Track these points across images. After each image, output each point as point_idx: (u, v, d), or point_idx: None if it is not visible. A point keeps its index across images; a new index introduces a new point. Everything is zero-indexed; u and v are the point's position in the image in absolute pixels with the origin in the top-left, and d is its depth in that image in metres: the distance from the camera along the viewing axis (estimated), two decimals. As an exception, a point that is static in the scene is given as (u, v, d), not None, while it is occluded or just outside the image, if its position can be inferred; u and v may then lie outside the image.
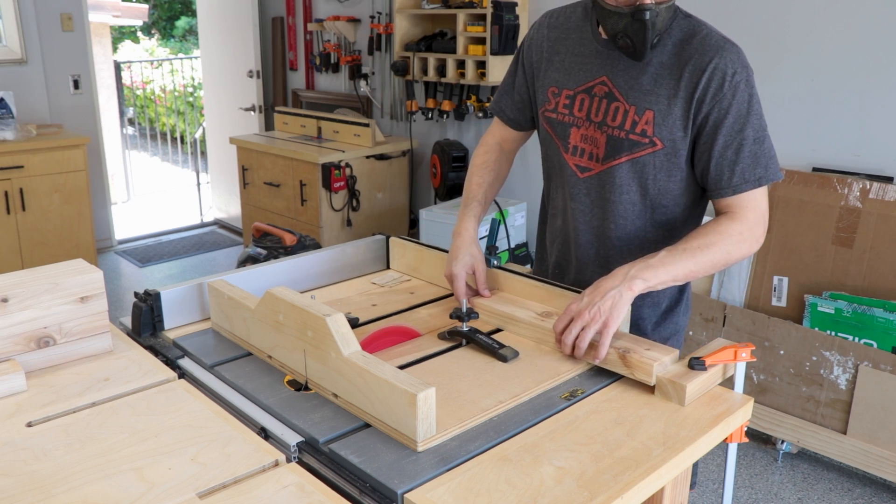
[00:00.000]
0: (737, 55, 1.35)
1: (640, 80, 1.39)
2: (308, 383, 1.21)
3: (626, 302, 1.27)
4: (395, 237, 1.82)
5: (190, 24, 13.04)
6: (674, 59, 1.37)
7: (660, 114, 1.37)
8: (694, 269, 1.32)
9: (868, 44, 2.66)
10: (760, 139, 1.35)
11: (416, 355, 1.33)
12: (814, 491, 2.63)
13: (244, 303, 1.33)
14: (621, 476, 1.00)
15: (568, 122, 1.48)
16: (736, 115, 1.34)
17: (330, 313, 1.14)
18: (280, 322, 1.23)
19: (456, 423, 1.09)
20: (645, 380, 1.21)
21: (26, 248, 4.18)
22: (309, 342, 1.18)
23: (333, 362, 1.14)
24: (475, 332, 1.36)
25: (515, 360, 1.30)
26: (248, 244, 3.12)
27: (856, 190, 2.65)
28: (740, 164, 1.34)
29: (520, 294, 1.52)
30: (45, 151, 4.14)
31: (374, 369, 1.07)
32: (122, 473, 0.99)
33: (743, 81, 1.33)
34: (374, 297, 1.64)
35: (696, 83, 1.34)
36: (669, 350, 1.25)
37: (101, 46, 6.87)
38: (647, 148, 1.40)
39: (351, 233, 4.17)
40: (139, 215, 6.36)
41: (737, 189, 1.35)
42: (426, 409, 1.02)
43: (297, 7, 5.08)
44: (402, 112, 4.50)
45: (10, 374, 1.20)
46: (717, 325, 2.90)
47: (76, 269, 1.33)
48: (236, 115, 5.53)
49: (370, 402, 1.09)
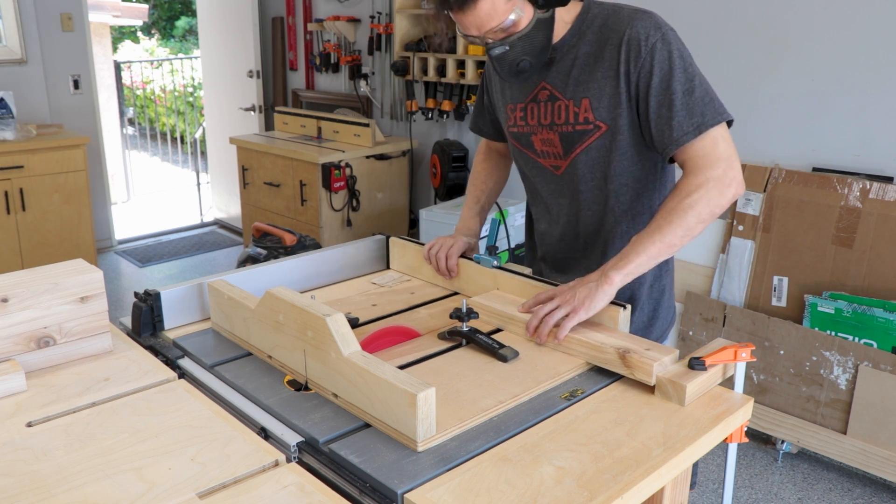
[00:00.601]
0: (648, 20, 1.38)
1: (572, 74, 1.45)
2: (308, 383, 1.21)
3: (601, 294, 1.31)
4: (395, 237, 1.82)
5: (190, 24, 13.04)
6: (595, 46, 1.43)
7: (594, 98, 1.43)
8: (669, 240, 1.33)
9: (868, 44, 2.66)
10: (689, 90, 1.36)
11: (416, 355, 1.33)
12: (814, 491, 2.63)
13: (244, 303, 1.33)
14: (621, 476, 1.00)
15: (528, 132, 1.55)
16: (660, 74, 1.36)
17: (330, 313, 1.14)
18: (280, 322, 1.23)
19: (456, 423, 1.09)
20: (645, 380, 1.21)
21: (26, 248, 4.18)
22: (309, 342, 1.18)
23: (333, 362, 1.14)
24: (475, 332, 1.37)
25: (515, 360, 1.30)
26: (248, 244, 3.12)
27: (856, 190, 2.65)
28: (676, 118, 1.36)
29: (520, 294, 1.53)
30: (45, 151, 4.14)
31: (374, 369, 1.07)
32: (122, 473, 0.99)
33: (658, 41, 1.36)
34: (374, 297, 1.64)
35: (617, 59, 1.39)
36: (669, 350, 1.25)
37: (101, 46, 6.87)
38: (594, 133, 1.45)
39: (351, 233, 4.17)
40: (139, 215, 6.36)
41: (679, 142, 1.36)
42: (426, 409, 1.02)
43: (297, 7, 5.08)
44: (402, 112, 4.50)
45: (10, 374, 1.20)
46: (717, 325, 2.90)
47: (76, 269, 1.33)
48: (236, 115, 5.53)
49: (370, 402, 1.09)
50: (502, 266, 1.60)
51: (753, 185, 2.90)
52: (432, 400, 1.03)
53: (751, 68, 2.94)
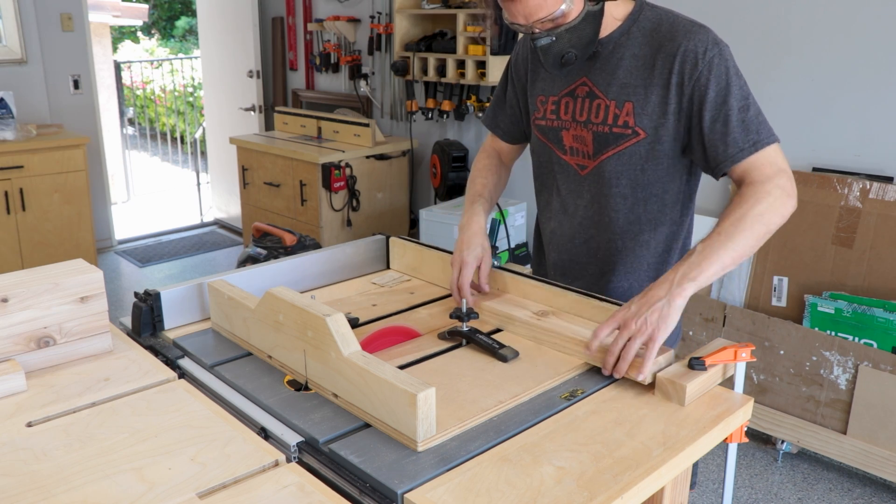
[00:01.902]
0: (705, 35, 1.38)
1: (617, 74, 1.43)
2: (308, 383, 1.21)
3: (675, 311, 1.24)
4: (395, 237, 1.82)
5: (190, 24, 13.04)
6: (646, 50, 1.40)
7: (638, 104, 1.41)
8: (740, 250, 1.29)
9: (868, 43, 2.66)
10: (745, 107, 1.35)
11: (417, 355, 1.33)
12: (814, 491, 2.63)
13: (244, 303, 1.33)
14: (621, 476, 1.00)
15: (557, 127, 1.52)
16: (716, 89, 1.35)
17: (330, 313, 1.14)
18: (280, 322, 1.23)
19: (456, 423, 1.09)
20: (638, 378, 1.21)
21: (26, 248, 4.18)
22: (309, 342, 1.18)
23: (333, 362, 1.13)
24: (475, 332, 1.36)
25: (515, 360, 1.30)
26: (248, 244, 3.12)
27: (856, 190, 2.65)
28: (731, 135, 1.35)
29: (520, 294, 1.53)
30: (45, 151, 4.14)
31: (374, 369, 1.07)
32: (122, 473, 0.99)
33: (716, 56, 1.35)
34: (374, 297, 1.64)
35: (671, 69, 1.38)
36: (663, 349, 1.25)
37: (101, 46, 6.87)
38: (631, 139, 1.43)
39: (351, 233, 4.17)
40: (139, 215, 6.36)
41: (734, 159, 1.35)
42: (426, 409, 1.02)
43: (297, 7, 5.08)
44: (402, 112, 4.50)
45: (10, 374, 1.20)
46: (717, 325, 2.90)
47: (76, 269, 1.33)
48: (236, 115, 5.53)
49: (370, 402, 1.09)
50: (503, 266, 1.59)
51: (753, 185, 2.89)
52: (432, 400, 1.02)
53: (751, 68, 2.94)
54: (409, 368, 1.27)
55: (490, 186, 1.70)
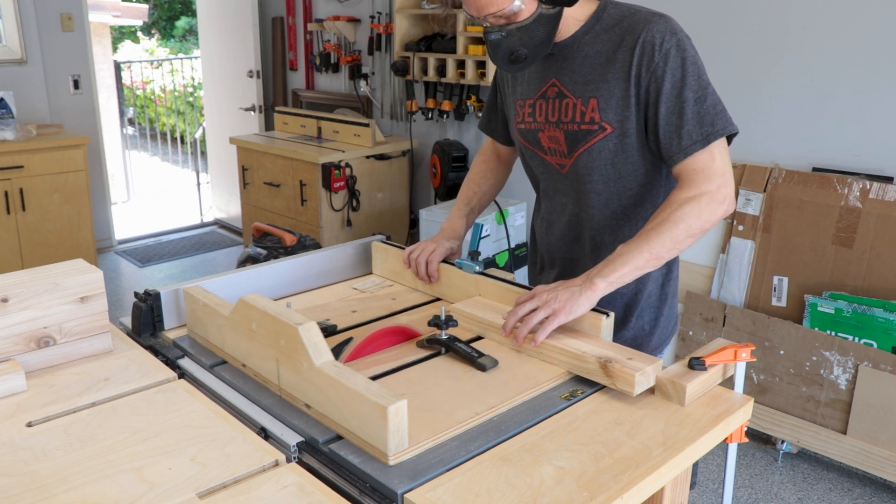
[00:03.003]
0: (664, 24, 1.37)
1: (582, 72, 1.44)
2: (281, 393, 1.19)
3: (584, 300, 1.29)
4: (377, 241, 1.79)
5: (190, 24, 13.04)
6: (608, 46, 1.41)
7: (603, 99, 1.41)
8: (657, 251, 1.31)
9: (868, 44, 2.66)
10: (701, 98, 1.35)
11: (394, 364, 1.30)
12: (814, 491, 2.63)
13: (218, 310, 1.30)
14: (621, 476, 1.00)
15: (535, 129, 1.54)
16: (671, 80, 1.35)
17: (302, 322, 1.11)
18: (253, 330, 1.21)
19: (430, 436, 1.06)
20: (627, 390, 1.18)
21: (26, 248, 4.18)
22: (281, 351, 1.15)
23: (306, 372, 1.11)
24: (454, 340, 1.33)
25: (494, 370, 1.27)
26: (248, 244, 3.12)
27: (856, 190, 2.65)
28: (686, 127, 1.35)
29: (501, 300, 1.49)
30: (45, 151, 4.14)
31: (345, 380, 1.04)
32: (122, 473, 0.99)
33: (673, 47, 1.35)
34: (354, 303, 1.61)
35: (630, 61, 1.38)
36: (651, 359, 1.22)
37: (101, 46, 6.87)
38: (599, 134, 1.44)
39: (351, 233, 4.17)
40: (139, 215, 6.36)
41: (687, 151, 1.35)
42: (397, 422, 0.99)
43: (297, 7, 5.08)
44: (402, 112, 4.50)
45: (10, 374, 1.20)
46: (717, 325, 2.90)
47: (76, 269, 1.33)
48: (236, 115, 5.53)
49: (342, 413, 1.06)
50: (484, 271, 1.56)
51: (753, 185, 2.90)
52: (404, 412, 1.00)
53: (751, 68, 2.94)
54: (385, 378, 1.25)
55: (481, 193, 1.76)
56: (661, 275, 1.56)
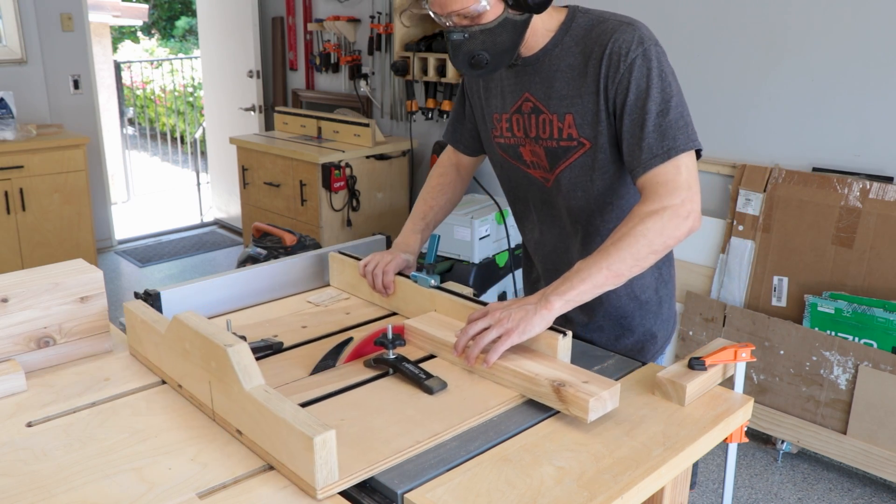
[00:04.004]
0: (631, 34, 1.32)
1: (556, 87, 1.40)
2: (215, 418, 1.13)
3: (539, 319, 1.22)
4: (333, 252, 1.73)
5: (190, 24, 13.04)
6: (579, 59, 1.37)
7: (578, 114, 1.38)
8: (616, 268, 1.24)
9: (868, 44, 2.66)
10: (664, 111, 1.30)
11: (338, 385, 1.24)
12: (814, 491, 2.63)
13: (155, 327, 1.24)
14: (621, 476, 1.00)
15: (515, 144, 1.50)
16: (636, 91, 1.31)
17: (232, 343, 1.05)
18: (187, 350, 1.15)
19: (364, 466, 0.99)
20: (580, 416, 1.10)
21: (26, 248, 4.18)
22: (213, 373, 1.09)
23: (236, 396, 1.05)
24: (402, 360, 1.27)
25: (442, 392, 1.20)
26: (248, 244, 3.12)
27: (856, 190, 2.65)
28: (647, 140, 1.30)
29: (456, 316, 1.41)
30: (45, 151, 4.14)
31: (273, 406, 0.98)
32: (122, 473, 0.99)
33: (639, 57, 1.31)
34: (306, 318, 1.55)
35: (598, 73, 1.34)
36: (609, 383, 1.14)
37: (101, 46, 6.86)
38: (578, 150, 1.41)
39: (351, 233, 4.17)
40: (139, 215, 6.36)
41: (647, 166, 1.29)
42: (325, 454, 0.93)
43: (297, 7, 5.08)
44: (402, 112, 4.50)
45: (10, 374, 1.20)
46: (717, 325, 2.90)
47: (76, 269, 1.33)
48: (236, 115, 5.53)
49: (271, 442, 1.00)
50: (440, 286, 1.50)
51: (753, 185, 2.90)
52: (332, 443, 0.93)
53: (750, 68, 2.94)
54: (326, 401, 1.19)
55: (437, 208, 1.69)
56: (654, 279, 1.53)
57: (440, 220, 1.71)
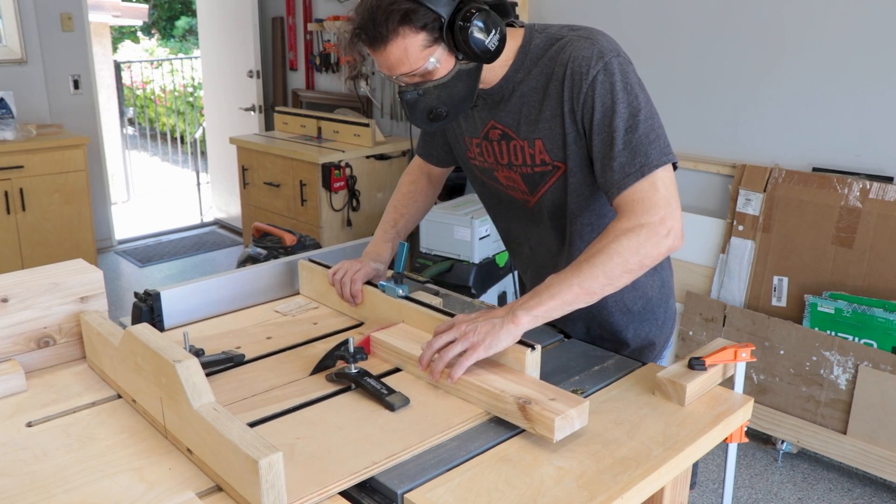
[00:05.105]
0: (589, 48, 1.26)
1: (523, 112, 1.35)
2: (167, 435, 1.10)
3: (505, 334, 1.18)
4: (303, 260, 1.68)
5: (190, 24, 13.04)
6: (541, 81, 1.32)
7: (548, 139, 1.34)
8: (588, 286, 1.20)
9: (868, 43, 2.66)
10: (633, 127, 1.24)
11: (297, 400, 1.20)
12: (814, 491, 2.63)
13: (110, 340, 1.21)
14: (621, 476, 1.00)
15: (489, 167, 1.47)
16: (602, 110, 1.25)
17: (181, 359, 1.02)
18: (139, 364, 1.12)
19: (316, 489, 0.95)
20: (546, 435, 1.06)
21: (26, 248, 4.17)
22: (163, 389, 1.06)
23: (185, 414, 1.01)
24: (364, 374, 1.23)
25: (404, 409, 1.16)
26: (248, 244, 3.12)
27: (856, 190, 2.65)
28: (618, 160, 1.24)
29: (424, 328, 1.36)
30: (45, 151, 4.14)
31: (220, 426, 0.94)
32: (122, 473, 0.99)
33: (600, 73, 1.24)
34: (271, 328, 1.51)
35: (562, 95, 1.29)
36: (577, 400, 1.10)
37: (101, 46, 6.86)
38: (554, 174, 1.37)
39: (351, 233, 4.17)
40: (139, 215, 6.36)
41: (621, 186, 1.24)
42: (271, 477, 0.88)
43: (297, 7, 5.08)
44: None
45: (10, 374, 1.20)
46: (717, 325, 2.90)
47: (76, 269, 1.33)
48: (236, 115, 5.53)
49: (220, 462, 0.96)
50: (408, 296, 1.46)
51: (753, 185, 2.90)
52: (279, 467, 0.89)
53: (750, 68, 2.94)
54: (283, 417, 1.15)
55: (407, 216, 1.66)
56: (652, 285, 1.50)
57: (410, 228, 1.68)
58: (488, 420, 1.15)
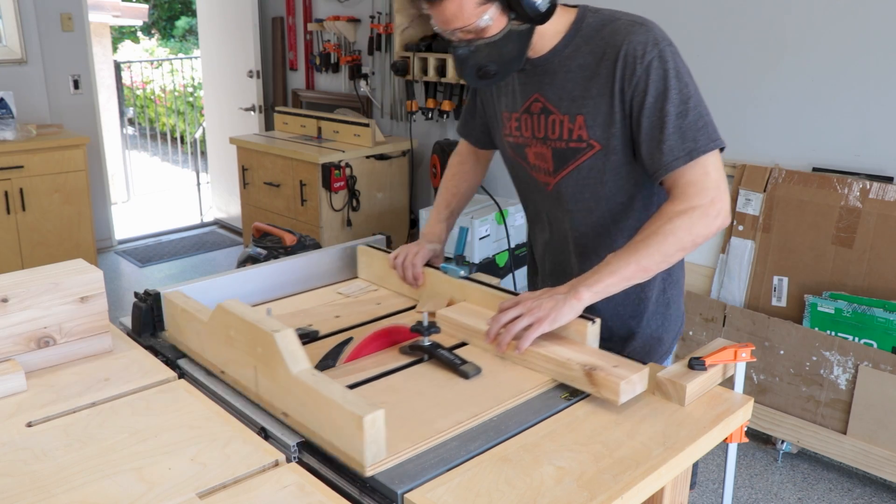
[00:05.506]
0: (645, 34, 1.32)
1: (567, 88, 1.40)
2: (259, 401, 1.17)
3: (568, 308, 1.26)
4: (362, 245, 1.77)
5: (190, 24, 13.04)
6: (590, 59, 1.37)
7: (590, 116, 1.38)
8: (645, 264, 1.28)
9: (868, 43, 2.66)
10: (683, 113, 1.31)
11: (375, 371, 1.28)
12: (814, 491, 2.63)
13: (198, 316, 1.28)
14: (621, 476, 1.00)
15: (522, 143, 1.51)
16: (654, 94, 1.31)
17: (279, 329, 1.09)
18: (231, 337, 1.19)
19: (409, 446, 1.04)
20: (612, 398, 1.15)
21: (26, 248, 4.18)
22: (259, 359, 1.13)
23: (283, 380, 1.09)
24: (437, 346, 1.31)
25: (477, 377, 1.25)
26: (248, 244, 3.12)
27: (856, 190, 2.65)
28: (667, 142, 1.31)
29: (486, 306, 1.46)
30: (45, 151, 4.14)
31: (322, 389, 1.02)
32: (122, 473, 0.99)
33: (655, 59, 1.31)
34: (338, 308, 1.59)
35: (613, 75, 1.34)
36: (637, 367, 1.19)
37: (101, 46, 6.86)
38: (587, 152, 1.41)
39: (351, 233, 4.17)
40: (139, 215, 6.36)
41: (669, 167, 1.31)
42: (374, 433, 0.97)
43: (297, 7, 5.08)
44: (402, 112, 4.50)
45: (10, 374, 1.20)
46: (717, 325, 2.90)
47: (76, 269, 1.33)
48: (236, 115, 5.53)
49: (319, 422, 1.04)
50: (469, 276, 1.54)
51: (753, 185, 2.90)
52: (381, 422, 0.98)
53: (750, 68, 2.94)
54: (365, 385, 1.23)
55: (459, 196, 1.74)
56: (661, 280, 1.53)
57: (463, 206, 1.76)
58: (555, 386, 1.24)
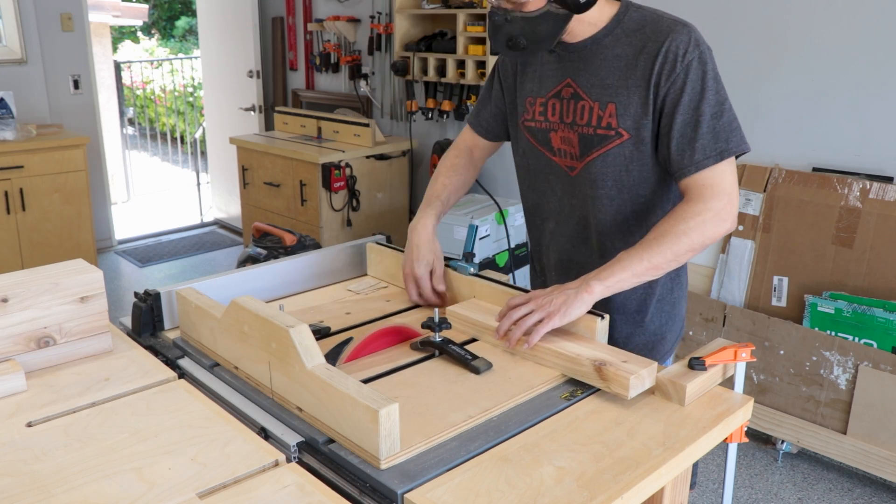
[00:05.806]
0: (687, 35, 1.37)
1: (600, 75, 1.43)
2: (273, 396, 1.19)
3: (579, 303, 1.28)
4: (371, 243, 1.78)
5: (190, 24, 13.04)
6: (629, 50, 1.40)
7: (621, 105, 1.41)
8: (656, 261, 1.31)
9: (868, 43, 2.66)
10: (718, 114, 1.36)
11: (387, 367, 1.29)
12: (814, 491, 2.63)
13: (211, 312, 1.29)
14: (621, 476, 1.00)
15: (546, 128, 1.52)
16: (691, 93, 1.35)
17: (293, 324, 1.10)
18: (245, 332, 1.20)
19: (422, 440, 1.05)
20: (621, 393, 1.16)
21: (26, 248, 4.18)
22: (273, 354, 1.15)
23: (297, 375, 1.10)
24: (448, 342, 1.32)
25: (488, 372, 1.26)
26: (248, 244, 3.12)
27: (856, 190, 2.65)
28: (700, 141, 1.35)
29: (496, 302, 1.47)
30: (45, 151, 4.14)
31: (336, 383, 1.04)
32: (122, 473, 0.99)
33: (695, 59, 1.35)
34: (348, 305, 1.60)
35: (651, 69, 1.37)
36: (647, 362, 1.20)
37: (101, 46, 6.86)
38: (615, 140, 1.43)
39: (351, 233, 4.17)
40: (139, 215, 6.36)
41: (699, 165, 1.35)
42: (389, 426, 0.99)
43: (297, 7, 5.08)
44: (402, 112, 4.50)
45: (10, 374, 1.20)
46: (717, 325, 2.90)
47: (76, 269, 1.33)
48: (236, 115, 5.53)
49: (333, 416, 1.06)
50: (479, 273, 1.56)
51: (753, 185, 2.90)
52: (395, 416, 0.99)
53: (750, 68, 2.94)
54: (377, 381, 1.24)
55: (451, 188, 1.70)
56: (669, 279, 1.55)
57: (455, 200, 1.74)
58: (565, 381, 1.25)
